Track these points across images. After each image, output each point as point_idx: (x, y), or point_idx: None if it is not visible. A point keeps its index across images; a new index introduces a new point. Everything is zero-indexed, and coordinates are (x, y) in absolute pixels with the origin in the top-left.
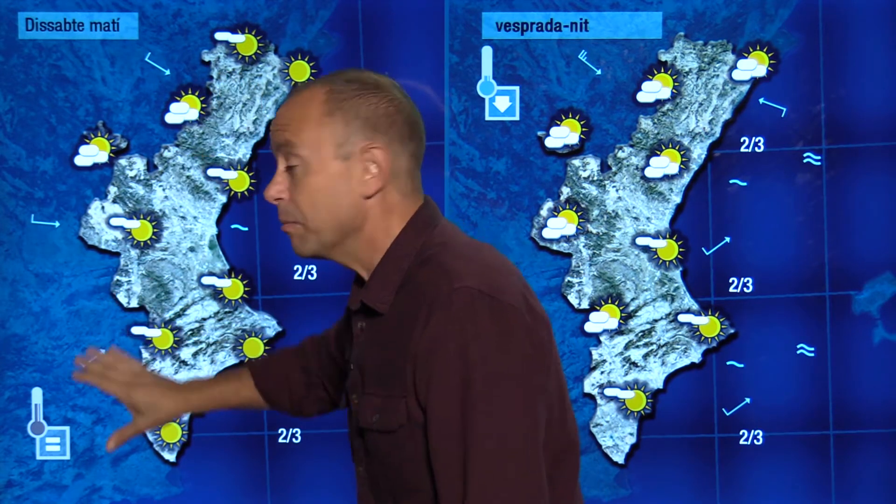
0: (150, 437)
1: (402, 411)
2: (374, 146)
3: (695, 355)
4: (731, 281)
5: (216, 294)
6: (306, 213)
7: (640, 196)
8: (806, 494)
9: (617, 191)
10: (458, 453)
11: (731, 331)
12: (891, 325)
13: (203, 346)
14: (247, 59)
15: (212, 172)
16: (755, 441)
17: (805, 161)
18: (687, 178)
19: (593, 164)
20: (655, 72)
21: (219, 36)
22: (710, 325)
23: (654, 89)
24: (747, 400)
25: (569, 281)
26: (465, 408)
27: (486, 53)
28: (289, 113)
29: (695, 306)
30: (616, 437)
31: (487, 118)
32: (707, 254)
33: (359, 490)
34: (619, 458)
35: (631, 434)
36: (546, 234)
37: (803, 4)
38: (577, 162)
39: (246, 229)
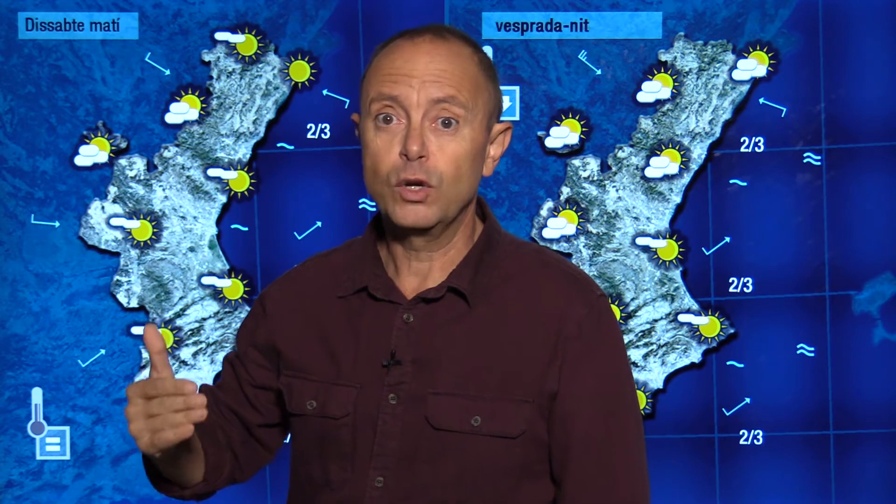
0: None
1: (524, 416)
2: (510, 129)
3: (695, 355)
4: (731, 281)
5: (216, 294)
6: (447, 175)
7: (640, 196)
8: (806, 494)
9: (617, 191)
10: (619, 455)
11: (731, 331)
12: (891, 325)
13: (203, 346)
14: (247, 59)
15: (212, 172)
16: (755, 441)
17: (805, 161)
18: (687, 178)
19: (593, 164)
20: (655, 72)
21: (219, 36)
22: (710, 325)
23: (654, 89)
24: (747, 400)
25: None
26: (618, 411)
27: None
28: (447, 64)
29: (695, 306)
30: None
31: None
32: (707, 254)
33: (362, 500)
34: None
35: None
36: (546, 234)
37: (803, 4)
38: (577, 162)
39: (246, 229)
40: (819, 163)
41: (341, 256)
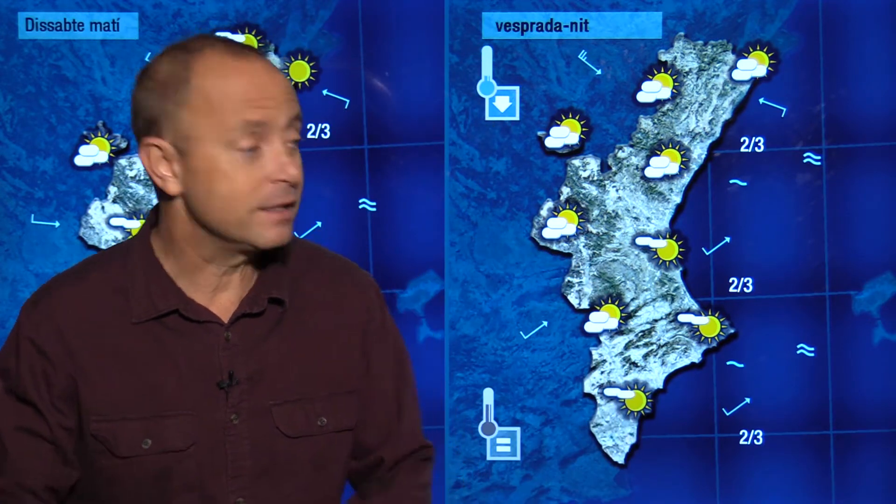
0: None
1: (356, 406)
2: None
3: (695, 355)
4: (731, 281)
5: None
6: (300, 192)
7: (640, 196)
8: (806, 494)
9: (617, 191)
10: (415, 409)
11: (731, 331)
12: (891, 325)
13: None
14: None
15: None
16: (755, 441)
17: (805, 161)
18: (687, 178)
19: (593, 164)
20: (655, 72)
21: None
22: (710, 325)
23: (654, 89)
24: (747, 400)
25: (569, 281)
26: (409, 373)
27: (486, 53)
28: (287, 84)
29: (695, 306)
30: (616, 437)
31: (487, 118)
32: (707, 254)
33: None
34: (619, 458)
35: (631, 434)
36: (546, 234)
37: (803, 4)
38: (577, 162)
39: None
40: (819, 163)
41: (109, 278)
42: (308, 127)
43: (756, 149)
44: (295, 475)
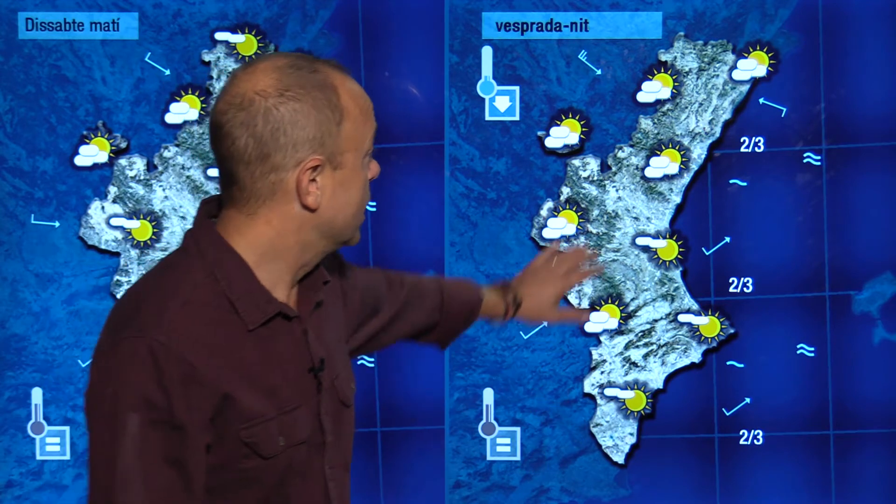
0: None
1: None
2: None
3: (695, 355)
4: (731, 281)
5: None
6: None
7: (640, 196)
8: (806, 494)
9: (617, 191)
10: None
11: (731, 331)
12: (891, 325)
13: None
14: (247, 59)
15: (212, 172)
16: (755, 441)
17: (805, 161)
18: (687, 178)
19: (593, 164)
20: (655, 72)
21: (219, 36)
22: (710, 325)
23: (654, 89)
24: (747, 400)
25: None
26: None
27: (486, 53)
28: None
29: (695, 306)
30: (616, 437)
31: (487, 118)
32: (707, 254)
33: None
34: (619, 458)
35: (631, 434)
36: (546, 234)
37: (803, 4)
38: (577, 162)
39: None
40: (819, 163)
41: (206, 297)
42: None
43: (756, 149)
44: (347, 442)
